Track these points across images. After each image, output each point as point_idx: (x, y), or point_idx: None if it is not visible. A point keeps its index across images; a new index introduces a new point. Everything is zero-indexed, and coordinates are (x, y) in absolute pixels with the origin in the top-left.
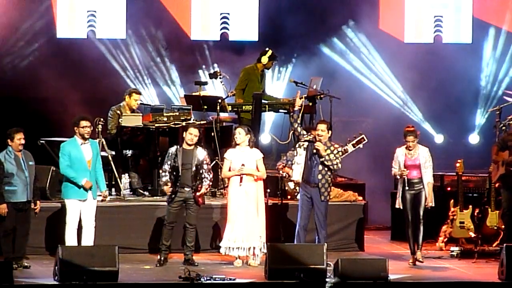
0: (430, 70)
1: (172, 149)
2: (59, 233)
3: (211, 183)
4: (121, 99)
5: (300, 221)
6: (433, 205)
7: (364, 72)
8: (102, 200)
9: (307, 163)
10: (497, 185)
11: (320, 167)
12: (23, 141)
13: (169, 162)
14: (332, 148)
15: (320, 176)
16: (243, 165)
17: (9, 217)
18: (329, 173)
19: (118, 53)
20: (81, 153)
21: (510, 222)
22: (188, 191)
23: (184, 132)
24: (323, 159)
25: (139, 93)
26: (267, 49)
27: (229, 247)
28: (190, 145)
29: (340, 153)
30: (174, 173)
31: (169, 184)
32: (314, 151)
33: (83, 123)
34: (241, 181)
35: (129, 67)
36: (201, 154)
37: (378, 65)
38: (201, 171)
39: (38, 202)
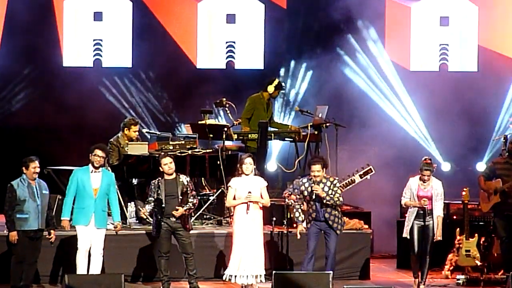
0: (438, 98)
1: (155, 181)
2: (66, 262)
3: (193, 208)
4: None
5: (309, 248)
6: (441, 239)
7: (371, 98)
8: (116, 233)
9: (310, 203)
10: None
11: (324, 205)
12: (37, 170)
13: (153, 194)
14: (328, 183)
15: (327, 215)
16: (249, 192)
17: (22, 245)
18: (333, 208)
19: (124, 82)
20: (89, 180)
21: (509, 250)
22: (175, 221)
23: (159, 166)
24: (324, 200)
25: (137, 123)
26: (273, 78)
27: (235, 275)
28: (170, 174)
29: (339, 185)
30: (158, 205)
31: (146, 210)
32: (314, 194)
33: (97, 152)
34: (248, 209)
35: (135, 96)
36: (185, 180)
37: (384, 92)
38: (187, 198)
39: (52, 231)
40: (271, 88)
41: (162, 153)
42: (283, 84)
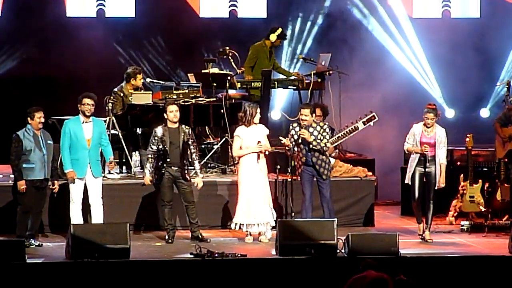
0: (440, 45)
1: (158, 130)
2: (67, 211)
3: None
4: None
5: (305, 196)
6: (444, 186)
7: (374, 45)
8: (109, 171)
9: (299, 148)
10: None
11: (311, 150)
12: (42, 120)
13: (155, 143)
14: (318, 128)
15: (314, 159)
16: (259, 142)
17: (28, 194)
18: (321, 153)
19: (126, 32)
20: (82, 131)
21: None
22: (176, 170)
23: (164, 112)
24: (311, 145)
25: (141, 72)
26: (277, 27)
27: (245, 224)
28: (175, 122)
29: (328, 131)
30: (162, 152)
31: (151, 177)
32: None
33: (85, 100)
34: (258, 158)
35: (137, 46)
36: (187, 131)
37: (390, 38)
38: (189, 149)
39: (56, 182)
40: (273, 37)
41: (168, 101)
42: (285, 33)
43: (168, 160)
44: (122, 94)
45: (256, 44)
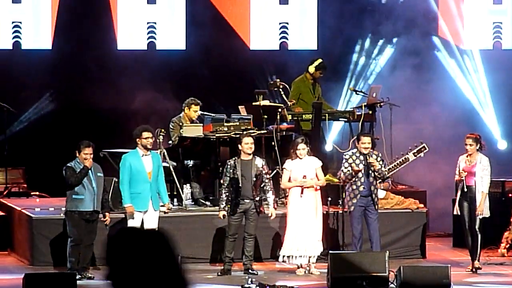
0: (495, 75)
1: (231, 161)
2: None
3: (273, 192)
4: (180, 110)
5: (357, 231)
6: (488, 215)
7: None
8: (165, 212)
9: (356, 177)
10: None
11: (371, 178)
12: (88, 156)
13: (228, 175)
14: (375, 156)
15: (372, 187)
16: (304, 176)
17: (78, 227)
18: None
19: (177, 64)
20: (142, 164)
21: None
22: (249, 202)
23: (239, 144)
24: (376, 173)
25: (198, 104)
26: (316, 58)
27: (290, 256)
28: (248, 154)
29: (382, 159)
30: (234, 185)
31: (225, 210)
32: (369, 165)
33: (146, 134)
34: (302, 192)
35: (188, 78)
36: (260, 163)
37: (440, 70)
38: (263, 181)
39: (107, 214)
40: (312, 69)
41: (244, 132)
42: (326, 65)
43: (240, 192)
44: (179, 123)
45: (297, 79)
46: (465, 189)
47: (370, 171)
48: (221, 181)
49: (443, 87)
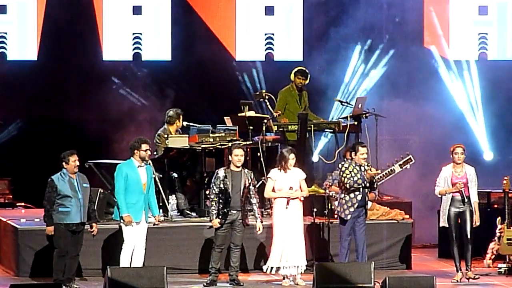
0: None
1: (221, 172)
2: (108, 255)
3: (259, 205)
4: (163, 122)
5: (346, 242)
6: (479, 224)
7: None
8: (155, 224)
9: (353, 189)
10: None
11: (366, 190)
12: (77, 163)
13: (217, 186)
14: (365, 167)
15: (366, 198)
16: (291, 188)
17: (64, 238)
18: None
19: (162, 75)
20: (138, 175)
21: None
22: (236, 213)
23: (230, 155)
24: (375, 184)
25: (182, 114)
26: (297, 67)
27: (277, 267)
28: (238, 166)
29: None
30: (223, 196)
31: (219, 219)
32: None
33: (144, 146)
34: (288, 204)
35: (173, 89)
36: (249, 175)
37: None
38: (249, 194)
39: (94, 224)
40: (292, 77)
41: (235, 144)
42: (305, 70)
43: (229, 203)
44: (165, 136)
45: (283, 89)
46: (454, 200)
47: (365, 182)
48: (208, 192)
49: (430, 98)
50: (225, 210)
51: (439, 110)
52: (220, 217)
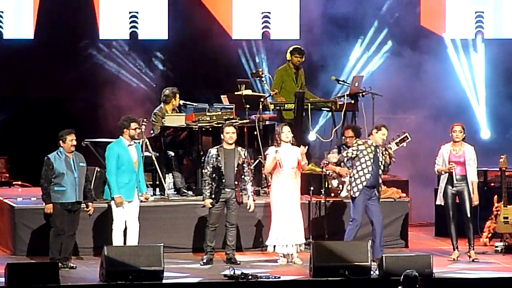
0: (476, 66)
1: (213, 150)
2: (104, 234)
3: (252, 183)
4: (159, 101)
5: (360, 216)
6: (478, 203)
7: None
8: (141, 201)
9: (367, 168)
10: None
11: (380, 171)
12: (74, 142)
13: (210, 164)
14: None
15: (380, 180)
16: (277, 151)
17: (60, 217)
18: None
19: (160, 53)
20: (129, 154)
21: None
22: (230, 192)
23: (221, 133)
24: (390, 165)
25: (178, 92)
26: (292, 45)
27: (276, 245)
28: (230, 144)
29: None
30: (217, 174)
31: (211, 198)
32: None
33: (134, 125)
34: (281, 166)
35: (171, 67)
36: (242, 153)
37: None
38: (242, 171)
39: (90, 204)
40: (288, 55)
41: (227, 122)
42: (301, 48)
43: (223, 181)
44: (161, 115)
45: (280, 68)
46: (455, 179)
47: (380, 163)
48: (203, 170)
49: (428, 77)
50: (219, 188)
51: (436, 88)
52: (213, 196)
